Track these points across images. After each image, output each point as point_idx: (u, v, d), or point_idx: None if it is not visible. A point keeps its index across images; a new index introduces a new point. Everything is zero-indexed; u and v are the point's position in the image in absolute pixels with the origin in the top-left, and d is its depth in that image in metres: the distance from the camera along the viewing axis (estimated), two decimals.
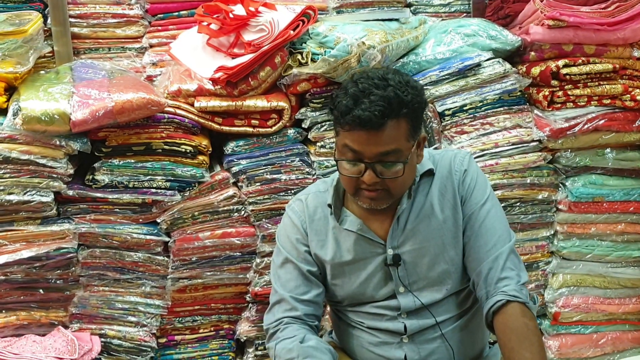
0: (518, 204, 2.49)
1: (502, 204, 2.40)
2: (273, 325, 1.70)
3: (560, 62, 2.38)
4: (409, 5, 2.86)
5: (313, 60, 2.32)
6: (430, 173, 1.68)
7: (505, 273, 1.58)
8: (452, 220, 1.66)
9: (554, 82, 2.40)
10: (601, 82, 2.42)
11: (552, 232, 2.57)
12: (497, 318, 1.55)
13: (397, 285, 1.68)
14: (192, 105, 2.32)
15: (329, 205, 1.72)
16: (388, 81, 1.49)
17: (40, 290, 2.28)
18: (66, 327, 2.29)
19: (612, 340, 2.63)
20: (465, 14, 2.91)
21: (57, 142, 2.15)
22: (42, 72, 2.45)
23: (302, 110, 2.41)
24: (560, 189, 2.52)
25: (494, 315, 1.56)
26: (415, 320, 1.68)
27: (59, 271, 2.26)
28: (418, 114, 1.54)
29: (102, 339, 2.30)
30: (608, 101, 2.43)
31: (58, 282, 2.28)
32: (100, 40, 2.73)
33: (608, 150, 2.51)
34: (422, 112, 1.57)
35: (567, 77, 2.39)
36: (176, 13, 2.73)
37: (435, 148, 2.41)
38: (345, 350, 1.82)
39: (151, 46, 2.73)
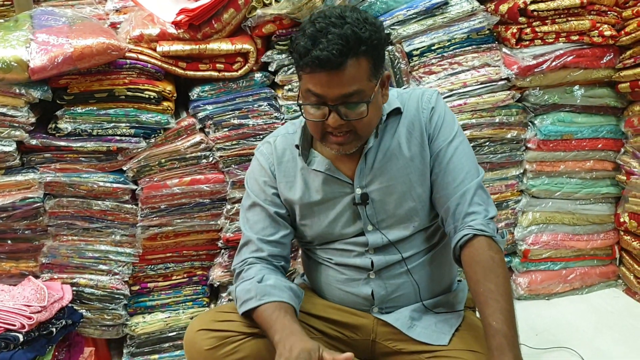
0: (487, 143, 2.49)
1: (471, 144, 2.41)
2: (239, 266, 1.72)
3: None
4: None
5: (277, 1, 2.26)
6: (397, 112, 1.66)
7: (473, 208, 1.58)
8: (419, 158, 1.65)
9: (522, 19, 2.38)
10: (569, 18, 2.41)
11: (522, 171, 2.59)
12: (464, 252, 1.56)
13: (365, 224, 1.68)
14: (154, 50, 2.26)
15: (297, 146, 1.71)
16: (345, 19, 1.45)
17: (9, 241, 2.27)
18: (37, 277, 2.29)
19: (580, 275, 2.69)
20: None
21: (17, 91, 2.10)
22: (0, 20, 2.38)
23: (269, 52, 2.36)
24: (529, 127, 2.52)
25: (461, 249, 1.57)
26: (382, 256, 1.69)
27: (26, 221, 2.25)
28: (378, 52, 1.50)
29: (74, 288, 2.30)
30: (576, 37, 2.42)
31: (26, 232, 2.27)
32: None
33: (576, 87, 2.51)
34: (383, 50, 1.53)
35: (535, 13, 2.37)
36: None
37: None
38: (316, 290, 1.83)
39: None
